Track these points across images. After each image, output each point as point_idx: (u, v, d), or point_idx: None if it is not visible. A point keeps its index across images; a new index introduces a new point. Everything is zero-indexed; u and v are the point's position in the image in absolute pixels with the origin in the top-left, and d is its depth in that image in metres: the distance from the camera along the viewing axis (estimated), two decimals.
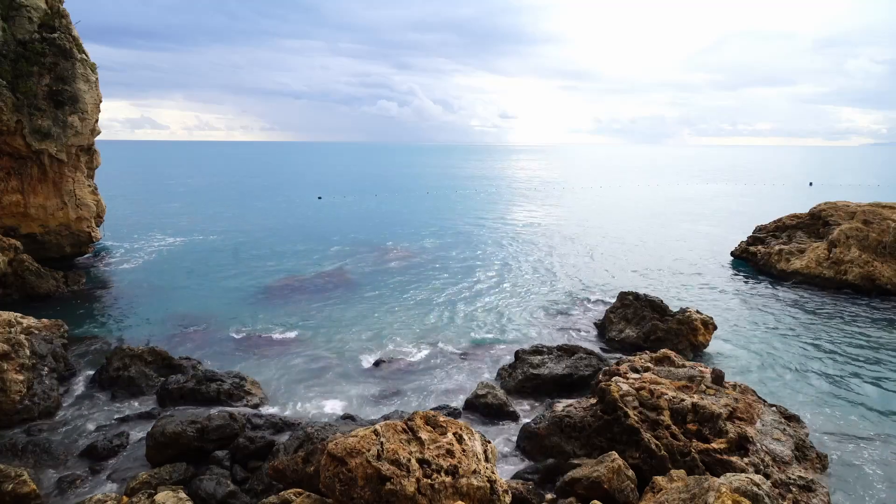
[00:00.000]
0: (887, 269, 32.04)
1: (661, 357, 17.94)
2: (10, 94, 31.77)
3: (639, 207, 75.06)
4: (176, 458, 14.91)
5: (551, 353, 21.50)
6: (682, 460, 13.31)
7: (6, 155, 33.36)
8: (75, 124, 34.63)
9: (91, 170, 39.12)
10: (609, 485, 12.33)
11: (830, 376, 21.33)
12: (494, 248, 46.48)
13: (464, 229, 55.84)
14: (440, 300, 31.13)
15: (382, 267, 39.10)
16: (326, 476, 10.76)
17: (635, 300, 25.87)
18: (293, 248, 45.53)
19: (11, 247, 30.37)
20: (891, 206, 35.22)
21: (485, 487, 10.93)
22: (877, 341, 24.79)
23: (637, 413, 14.38)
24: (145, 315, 28.09)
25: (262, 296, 31.71)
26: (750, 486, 10.68)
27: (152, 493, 12.61)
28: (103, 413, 18.36)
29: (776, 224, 42.26)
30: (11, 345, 18.46)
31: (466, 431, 11.90)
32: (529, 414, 18.43)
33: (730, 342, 24.81)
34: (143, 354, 20.76)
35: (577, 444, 14.82)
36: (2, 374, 17.37)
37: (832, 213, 38.44)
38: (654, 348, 20.86)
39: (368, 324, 26.98)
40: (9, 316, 19.94)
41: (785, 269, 36.09)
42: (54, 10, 34.46)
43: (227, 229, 54.00)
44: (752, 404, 15.51)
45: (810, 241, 38.02)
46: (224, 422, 15.96)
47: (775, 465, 13.51)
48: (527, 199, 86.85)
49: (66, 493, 13.98)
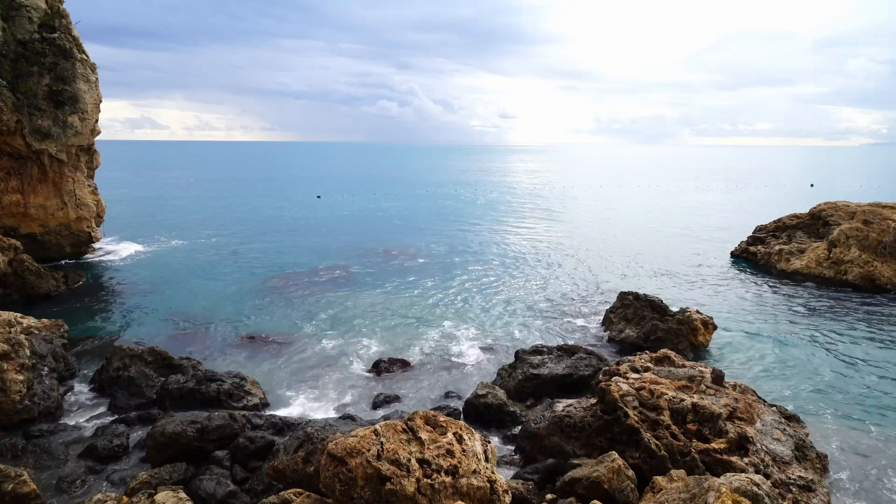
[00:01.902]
0: (887, 269, 32.05)
1: (661, 357, 17.93)
2: (10, 94, 31.78)
3: (639, 207, 75.09)
4: (176, 458, 14.90)
5: (551, 353, 21.49)
6: (682, 460, 13.30)
7: (6, 155, 33.36)
8: (75, 124, 34.64)
9: (91, 170, 39.12)
10: (609, 485, 12.32)
11: (830, 376, 21.33)
12: (494, 247, 46.48)
13: (463, 229, 55.85)
14: (440, 300, 31.13)
15: (382, 267, 39.10)
16: (326, 476, 10.76)
17: (635, 300, 25.87)
18: (293, 248, 45.55)
19: (11, 247, 30.36)
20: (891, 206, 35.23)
21: (485, 487, 10.93)
22: (877, 341, 24.79)
23: (637, 413, 14.37)
24: (145, 315, 28.10)
25: (262, 296, 31.71)
26: (750, 486, 10.67)
27: (152, 493, 12.60)
28: (103, 413, 18.37)
29: (776, 224, 42.27)
30: (11, 345, 18.45)
31: (466, 431, 11.89)
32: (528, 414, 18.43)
33: (730, 342, 24.80)
34: (143, 354, 20.75)
35: (577, 444, 14.80)
36: (2, 374, 17.36)
37: (832, 213, 38.44)
38: (654, 348, 20.86)
39: (368, 324, 26.98)
40: (9, 316, 19.93)
41: (785, 268, 36.09)
42: (54, 10, 34.47)
43: (227, 229, 54.01)
44: (752, 404, 15.50)
45: (810, 241, 38.02)
46: (224, 422, 15.96)
47: (775, 465, 13.50)
48: (526, 199, 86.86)
49: (66, 493, 13.97)
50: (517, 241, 49.72)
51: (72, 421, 17.76)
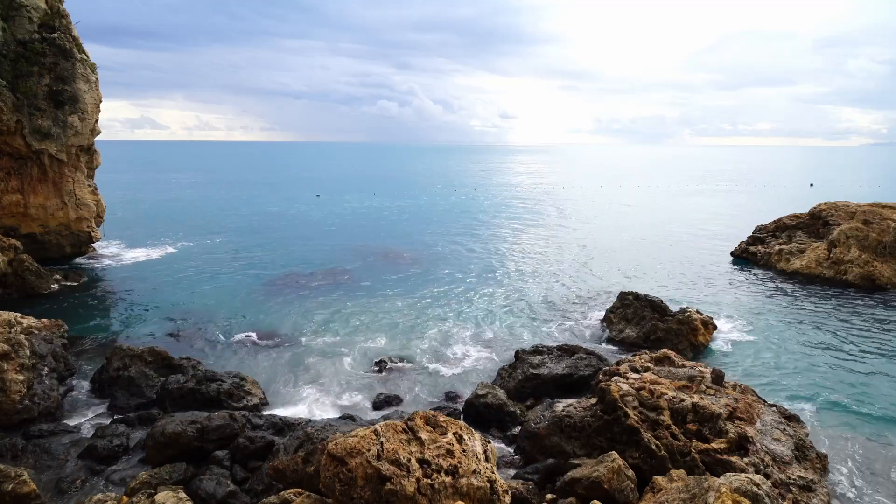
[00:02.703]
0: (887, 268, 32.05)
1: (661, 357, 17.93)
2: (10, 94, 31.78)
3: (639, 207, 75.08)
4: (176, 458, 14.90)
5: (551, 353, 21.49)
6: (682, 460, 13.30)
7: (6, 155, 33.37)
8: (75, 124, 34.64)
9: (91, 170, 39.12)
10: (609, 485, 12.32)
11: (831, 376, 21.32)
12: (494, 247, 46.47)
13: (463, 229, 55.84)
14: (440, 300, 31.13)
15: (382, 267, 39.10)
16: (326, 476, 10.76)
17: (635, 300, 25.87)
18: (293, 248, 45.55)
19: (11, 247, 30.37)
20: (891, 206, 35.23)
21: (485, 487, 10.93)
22: (877, 341, 24.78)
23: (637, 413, 14.37)
24: (145, 315, 28.09)
25: (263, 296, 31.71)
26: (750, 486, 10.67)
27: (152, 493, 12.61)
28: (103, 413, 18.37)
29: (776, 224, 42.27)
30: (11, 345, 18.45)
31: (466, 431, 11.89)
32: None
33: (730, 342, 24.79)
34: (143, 354, 20.75)
35: (577, 444, 14.80)
36: (2, 374, 17.36)
37: (832, 213, 38.44)
38: (654, 348, 20.86)
39: (368, 324, 26.98)
40: (9, 316, 19.93)
41: (785, 268, 36.09)
42: (54, 10, 34.47)
43: (227, 229, 54.01)
44: (752, 404, 15.50)
45: (810, 241, 38.01)
46: (224, 422, 15.96)
47: (775, 465, 13.50)
48: (527, 199, 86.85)
49: (66, 493, 13.97)
50: (517, 241, 49.71)
51: (72, 421, 17.75)
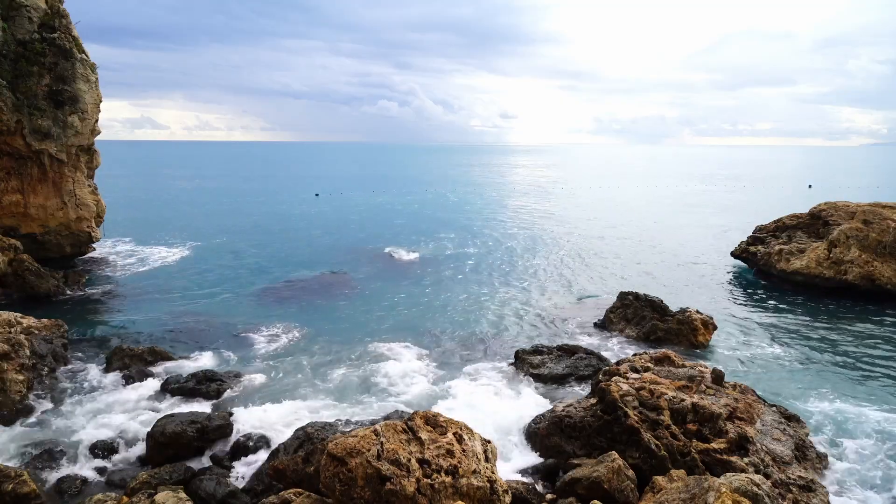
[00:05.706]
0: (887, 269, 32.03)
1: (661, 357, 17.94)
2: (10, 94, 31.77)
3: (639, 207, 75.07)
4: (176, 458, 14.90)
5: (551, 353, 21.50)
6: (682, 460, 13.31)
7: (6, 155, 33.35)
8: (75, 124, 34.62)
9: (91, 170, 39.09)
10: (609, 485, 12.33)
11: (831, 376, 21.32)
12: (494, 248, 46.47)
13: (463, 229, 55.83)
14: (439, 300, 31.12)
15: (382, 267, 39.10)
16: (326, 476, 10.77)
17: (635, 300, 25.88)
18: (293, 246, 45.55)
19: (11, 247, 30.37)
20: (891, 206, 35.20)
21: (485, 487, 10.93)
22: (877, 340, 24.78)
23: (637, 413, 14.38)
24: (145, 315, 28.08)
25: (263, 295, 31.71)
26: (750, 486, 10.68)
27: (152, 493, 12.61)
28: (103, 413, 18.34)
29: (776, 224, 42.20)
30: (11, 345, 18.46)
31: (466, 431, 11.90)
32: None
33: (730, 342, 24.79)
34: (143, 354, 20.76)
35: (577, 444, 14.81)
36: (2, 374, 17.36)
37: (832, 213, 38.39)
38: (654, 348, 20.86)
39: (368, 324, 26.98)
40: (9, 316, 19.94)
41: (785, 269, 36.07)
42: (54, 10, 34.44)
43: (226, 229, 53.99)
44: (752, 404, 15.51)
45: (810, 241, 37.98)
46: (224, 422, 15.97)
47: (775, 465, 13.51)
48: (526, 199, 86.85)
49: (66, 493, 13.97)
50: (517, 240, 49.70)
51: (71, 421, 17.71)
